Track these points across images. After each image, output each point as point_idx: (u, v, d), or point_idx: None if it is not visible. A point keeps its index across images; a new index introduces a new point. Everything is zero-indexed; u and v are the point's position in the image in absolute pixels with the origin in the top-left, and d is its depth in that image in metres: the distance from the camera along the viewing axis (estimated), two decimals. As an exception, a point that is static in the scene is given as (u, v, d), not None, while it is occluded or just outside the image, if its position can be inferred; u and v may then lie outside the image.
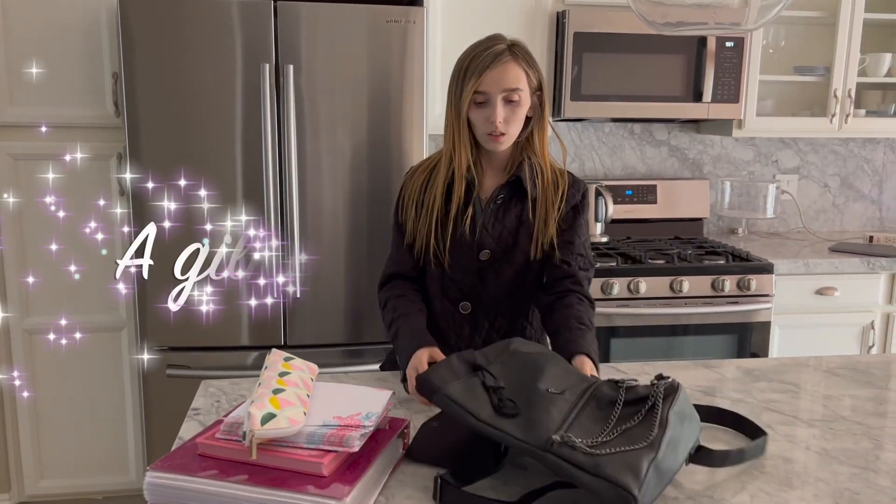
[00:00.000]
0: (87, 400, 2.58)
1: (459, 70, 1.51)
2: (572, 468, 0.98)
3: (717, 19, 1.34)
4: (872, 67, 3.10)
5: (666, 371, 1.57)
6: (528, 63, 1.51)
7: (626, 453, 0.99)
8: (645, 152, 3.26)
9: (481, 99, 1.48)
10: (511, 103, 1.48)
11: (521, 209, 1.56)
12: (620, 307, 2.62)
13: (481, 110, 1.49)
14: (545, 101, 1.55)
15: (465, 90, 1.47)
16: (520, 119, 1.51)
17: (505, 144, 1.52)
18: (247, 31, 2.27)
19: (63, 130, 2.42)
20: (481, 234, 1.55)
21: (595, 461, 0.98)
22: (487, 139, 1.51)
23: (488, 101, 1.48)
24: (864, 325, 2.85)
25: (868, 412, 1.38)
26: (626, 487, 0.94)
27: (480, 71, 1.46)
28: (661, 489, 1.01)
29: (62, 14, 2.34)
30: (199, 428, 1.25)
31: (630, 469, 0.97)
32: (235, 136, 2.32)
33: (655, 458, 0.99)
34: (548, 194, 1.55)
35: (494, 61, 1.47)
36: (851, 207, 3.44)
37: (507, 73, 1.47)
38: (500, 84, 1.47)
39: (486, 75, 1.46)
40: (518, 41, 1.54)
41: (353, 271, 2.43)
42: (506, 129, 1.49)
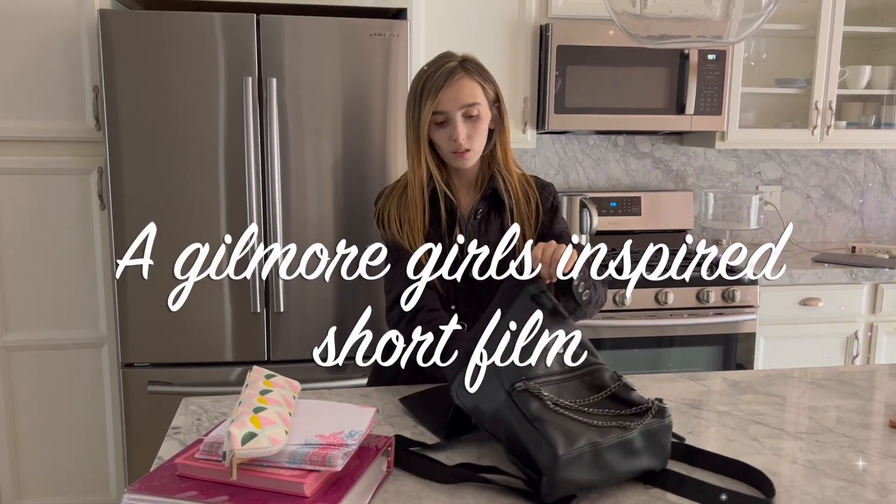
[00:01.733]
0: (66, 417, 2.54)
1: (415, 93, 1.50)
2: (520, 415, 1.05)
3: (699, 32, 1.35)
4: (852, 80, 3.13)
5: (652, 384, 1.57)
6: (482, 76, 1.51)
7: (574, 422, 1.04)
8: (629, 164, 3.27)
9: (441, 119, 1.48)
10: (471, 118, 1.48)
11: (500, 221, 1.57)
12: (606, 319, 2.62)
13: (443, 130, 1.49)
14: (504, 112, 1.56)
15: (423, 112, 1.47)
16: (482, 133, 1.52)
17: (472, 160, 1.52)
18: (229, 44, 2.26)
19: (43, 144, 2.39)
20: (466, 252, 1.55)
21: (542, 415, 1.04)
22: (453, 157, 1.51)
23: (448, 120, 1.48)
24: (848, 336, 2.86)
25: (854, 424, 1.37)
26: (553, 444, 1.00)
27: (436, 90, 1.46)
28: (600, 480, 1.03)
29: (42, 27, 2.32)
30: (179, 447, 1.23)
31: (566, 434, 1.01)
32: (218, 150, 2.30)
33: (599, 444, 1.02)
34: (521, 205, 1.57)
35: (448, 79, 1.46)
36: (834, 218, 3.47)
37: (462, 89, 1.47)
38: (457, 101, 1.47)
39: (442, 94, 1.46)
40: (469, 56, 1.53)
41: (337, 285, 2.41)
42: (470, 144, 1.49)
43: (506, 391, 1.09)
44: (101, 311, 2.49)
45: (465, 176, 1.58)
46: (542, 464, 1.03)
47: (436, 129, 1.50)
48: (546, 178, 3.18)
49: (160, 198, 2.31)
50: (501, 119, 1.55)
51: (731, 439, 1.30)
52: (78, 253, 2.46)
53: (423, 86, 1.48)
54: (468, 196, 1.59)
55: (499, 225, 1.57)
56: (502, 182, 1.55)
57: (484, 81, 1.51)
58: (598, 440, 1.03)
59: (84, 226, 2.45)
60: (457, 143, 1.48)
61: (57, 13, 2.31)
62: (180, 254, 2.33)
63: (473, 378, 1.16)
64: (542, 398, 1.06)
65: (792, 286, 2.80)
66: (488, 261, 1.55)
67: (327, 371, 2.44)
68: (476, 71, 1.50)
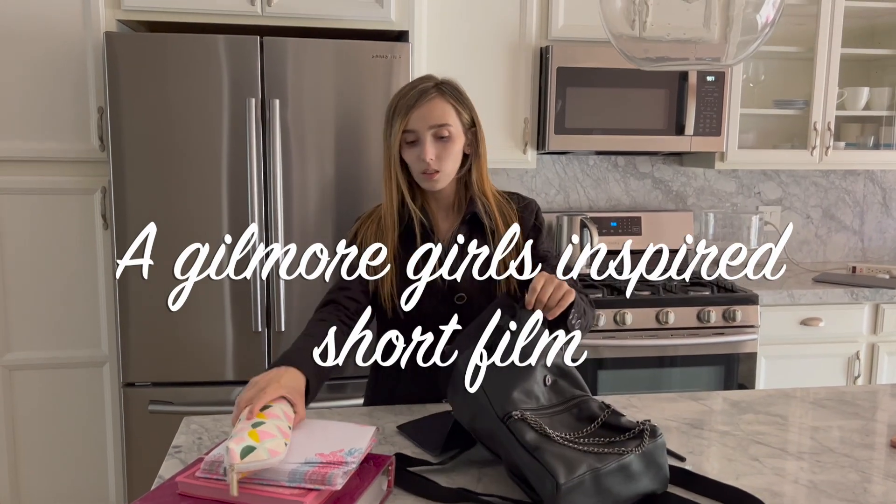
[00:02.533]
0: (67, 436, 2.54)
1: (388, 111, 1.51)
2: (517, 445, 1.06)
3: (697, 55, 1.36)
4: (851, 101, 3.16)
5: (653, 404, 1.57)
6: (456, 99, 1.50)
7: (571, 450, 1.05)
8: (629, 184, 3.28)
9: (411, 138, 1.47)
10: (441, 139, 1.47)
11: (485, 244, 1.55)
12: (607, 339, 2.62)
13: (413, 149, 1.48)
14: (480, 137, 1.54)
15: (395, 130, 1.47)
16: (453, 155, 1.50)
17: (441, 182, 1.50)
18: (233, 66, 2.29)
19: (47, 164, 2.41)
20: (452, 279, 1.53)
21: (539, 444, 1.04)
22: (423, 178, 1.49)
23: (418, 140, 1.47)
24: (850, 356, 2.86)
25: (855, 444, 1.37)
26: (553, 473, 1.00)
27: (407, 109, 1.46)
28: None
29: (48, 49, 2.35)
30: (180, 466, 1.23)
31: (566, 463, 1.02)
32: (221, 171, 2.32)
33: (599, 470, 1.02)
34: (500, 229, 1.55)
35: (420, 98, 1.46)
36: (834, 238, 3.48)
37: (433, 110, 1.46)
38: (427, 120, 1.46)
39: (412, 113, 1.46)
40: (448, 79, 1.53)
41: (338, 305, 2.42)
42: (439, 165, 1.47)
43: (500, 419, 1.10)
44: (103, 330, 2.50)
45: (442, 199, 1.57)
46: (543, 493, 1.03)
47: (406, 149, 1.49)
48: (546, 197, 3.21)
49: (163, 217, 2.32)
50: (478, 143, 1.54)
51: (731, 459, 1.30)
52: (80, 272, 2.47)
53: (396, 104, 1.48)
54: (446, 220, 1.57)
55: (479, 248, 1.54)
56: (481, 206, 1.54)
57: (458, 104, 1.50)
58: (597, 466, 1.03)
59: (87, 245, 2.46)
60: (425, 162, 1.46)
61: (63, 35, 2.34)
62: (184, 262, 2.34)
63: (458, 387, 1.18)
64: (538, 428, 1.07)
65: (792, 306, 2.80)
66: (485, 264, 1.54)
67: (327, 390, 2.44)
68: (451, 93, 1.50)
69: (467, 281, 1.53)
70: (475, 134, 1.54)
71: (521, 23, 2.78)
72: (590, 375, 2.63)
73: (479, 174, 1.55)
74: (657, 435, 1.10)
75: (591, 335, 2.61)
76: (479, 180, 1.55)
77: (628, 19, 1.36)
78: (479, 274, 1.54)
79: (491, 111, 2.80)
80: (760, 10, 1.16)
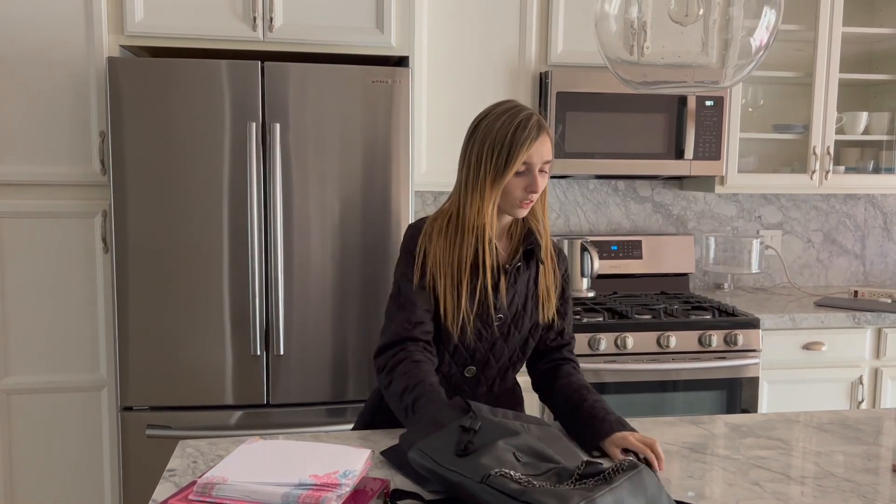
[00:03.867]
0: (65, 461, 2.52)
1: (504, 139, 1.49)
2: (503, 496, 1.03)
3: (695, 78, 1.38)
4: (850, 125, 3.17)
5: (653, 428, 1.56)
6: (551, 136, 1.55)
7: (559, 490, 1.03)
8: (629, 208, 3.29)
9: (524, 169, 1.50)
10: (542, 173, 1.52)
11: (528, 276, 1.60)
12: (608, 363, 2.60)
13: (520, 179, 1.50)
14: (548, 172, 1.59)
15: (515, 160, 1.47)
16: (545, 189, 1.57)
17: (528, 211, 1.56)
18: (234, 90, 2.30)
19: (48, 188, 2.42)
20: (499, 302, 1.57)
21: (525, 489, 1.02)
22: (518, 206, 1.52)
23: (528, 172, 1.50)
24: (853, 381, 2.84)
25: (857, 469, 1.36)
26: None
27: (530, 142, 1.48)
28: None
29: (51, 74, 2.37)
30: (174, 490, 1.21)
31: (558, 497, 1.00)
32: (222, 194, 2.33)
33: (591, 496, 1.01)
34: (549, 263, 1.61)
35: (539, 133, 1.50)
36: (835, 262, 3.47)
37: (546, 145, 1.51)
38: (542, 156, 1.50)
39: (534, 147, 1.48)
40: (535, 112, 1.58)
41: (338, 329, 2.41)
42: (535, 197, 1.53)
43: (477, 482, 1.08)
44: (102, 354, 2.49)
45: (501, 226, 1.61)
46: None
47: (514, 178, 1.50)
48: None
49: (163, 241, 2.32)
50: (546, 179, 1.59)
51: (732, 484, 1.28)
52: (80, 296, 2.47)
53: (513, 134, 1.48)
54: (501, 244, 1.61)
55: (526, 279, 1.60)
56: (539, 237, 1.59)
57: (552, 141, 1.55)
58: (589, 494, 1.02)
59: (87, 269, 2.46)
60: (533, 195, 1.51)
61: (66, 60, 2.37)
62: (181, 295, 2.34)
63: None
64: (520, 481, 1.06)
65: (794, 330, 2.78)
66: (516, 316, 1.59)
67: (327, 414, 2.42)
68: (546, 129, 1.54)
69: (507, 307, 1.58)
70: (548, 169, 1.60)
71: (521, 48, 2.80)
72: (591, 400, 2.61)
73: (543, 207, 1.61)
74: (638, 463, 1.10)
75: (592, 359, 2.59)
76: (542, 213, 1.61)
77: (626, 45, 1.38)
78: (518, 303, 1.59)
79: (491, 135, 2.81)
80: (754, 34, 1.17)
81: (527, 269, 1.60)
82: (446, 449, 1.17)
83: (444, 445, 1.18)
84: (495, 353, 1.59)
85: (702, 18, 1.24)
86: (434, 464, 1.15)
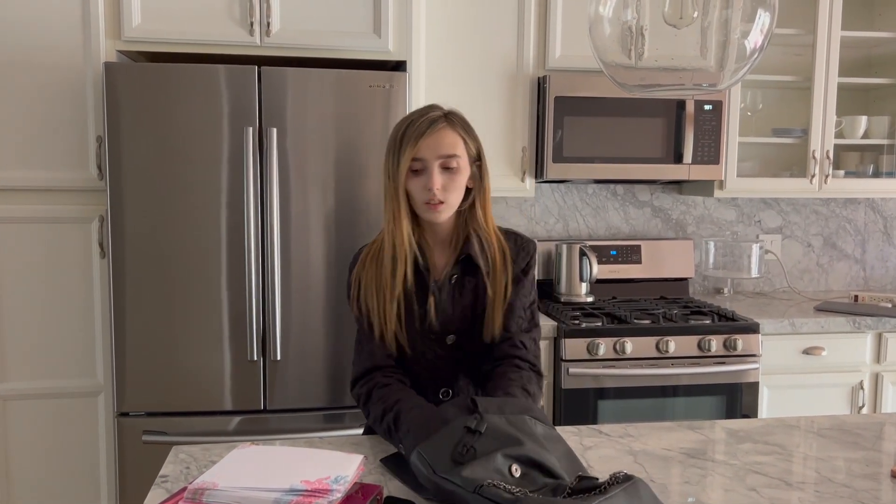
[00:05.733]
0: (61, 467, 2.51)
1: (395, 139, 1.46)
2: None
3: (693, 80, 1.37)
4: (849, 129, 3.16)
5: (650, 433, 1.55)
6: (465, 130, 1.49)
7: (552, 500, 1.02)
8: (628, 213, 3.28)
9: (418, 166, 1.44)
10: (448, 170, 1.45)
11: (474, 284, 1.52)
12: (607, 368, 2.59)
13: (418, 179, 1.45)
14: (485, 170, 1.52)
15: (403, 158, 1.43)
16: (459, 187, 1.47)
17: (444, 214, 1.47)
18: (231, 95, 2.30)
19: (45, 193, 2.42)
20: (443, 317, 1.50)
21: (518, 499, 1.02)
22: (426, 208, 1.46)
23: (425, 169, 1.44)
24: (854, 385, 2.82)
25: (855, 474, 1.34)
26: None
27: (417, 137, 1.43)
28: None
29: (48, 79, 2.37)
30: (166, 496, 1.20)
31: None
32: (220, 199, 2.32)
33: None
34: (497, 268, 1.51)
35: (430, 127, 1.44)
36: (836, 267, 3.46)
37: (443, 139, 1.44)
38: (436, 150, 1.44)
39: (422, 141, 1.43)
40: (455, 110, 1.51)
41: (334, 334, 2.40)
42: (444, 196, 1.44)
43: (471, 492, 1.07)
44: (99, 360, 2.48)
45: (439, 233, 1.53)
46: None
47: (412, 178, 1.45)
48: (546, 226, 3.21)
49: (160, 246, 2.32)
50: (482, 177, 1.52)
51: (728, 489, 1.27)
52: (77, 301, 2.47)
53: (404, 132, 1.45)
54: (443, 255, 1.54)
55: (472, 288, 1.52)
56: (478, 244, 1.50)
57: (467, 136, 1.48)
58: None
59: (83, 274, 2.46)
60: (431, 192, 1.43)
61: (63, 65, 2.37)
62: (178, 300, 2.33)
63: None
64: (513, 492, 1.05)
65: (794, 335, 2.77)
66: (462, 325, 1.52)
67: (324, 420, 2.41)
68: (460, 124, 1.48)
69: (457, 322, 1.51)
70: (480, 167, 1.52)
71: (519, 53, 2.80)
72: (591, 405, 2.60)
73: (483, 209, 1.52)
74: (635, 478, 1.08)
75: (590, 364, 2.58)
76: (481, 216, 1.52)
77: (621, 48, 1.37)
78: (467, 316, 1.51)
79: (489, 140, 2.80)
80: (748, 37, 1.16)
81: (472, 278, 1.51)
82: (445, 453, 1.16)
83: (445, 447, 1.16)
84: (461, 370, 1.53)
85: (696, 21, 1.23)
86: (430, 472, 1.14)
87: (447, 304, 1.51)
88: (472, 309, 1.51)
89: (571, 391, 2.59)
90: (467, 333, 1.52)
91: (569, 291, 2.97)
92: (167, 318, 2.34)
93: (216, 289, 2.34)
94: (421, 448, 1.17)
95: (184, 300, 2.34)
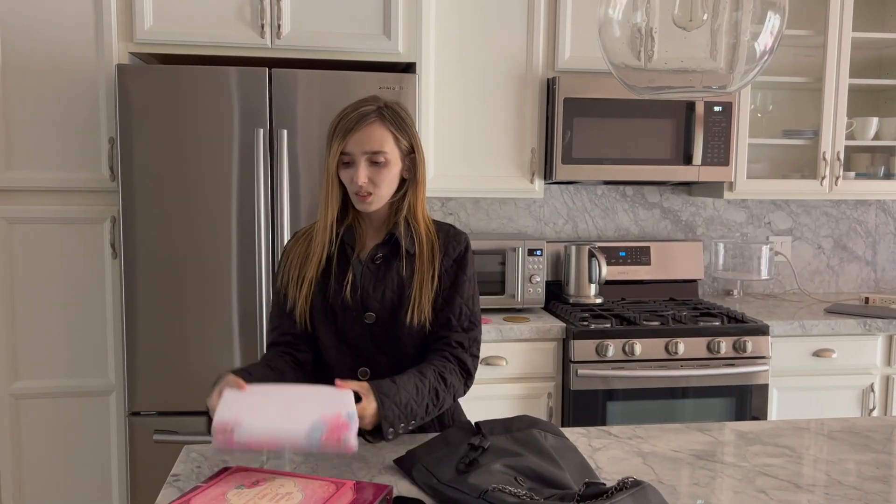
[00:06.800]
0: (73, 465, 2.53)
1: (330, 131, 1.52)
2: None
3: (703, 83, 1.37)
4: (860, 131, 3.15)
5: (659, 434, 1.55)
6: (396, 126, 1.50)
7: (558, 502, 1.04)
8: (638, 214, 3.28)
9: (347, 160, 1.49)
10: (376, 164, 1.48)
11: (399, 268, 1.54)
12: (616, 369, 2.59)
13: (348, 170, 1.50)
14: (419, 163, 1.55)
15: (332, 151, 1.49)
16: (388, 180, 1.51)
17: (374, 205, 1.51)
18: (242, 97, 2.32)
19: (58, 194, 2.44)
20: (363, 296, 1.53)
21: (523, 502, 1.04)
22: (356, 198, 1.51)
23: (353, 162, 1.49)
24: (864, 388, 2.81)
25: (865, 477, 1.34)
26: None
27: (345, 133, 1.48)
28: None
29: (61, 81, 2.39)
30: (178, 494, 1.21)
31: None
32: (231, 200, 2.34)
33: None
34: (423, 255, 1.54)
35: (359, 122, 1.47)
36: (846, 269, 3.44)
37: (370, 135, 1.47)
38: (362, 146, 1.47)
39: (350, 137, 1.47)
40: (391, 104, 1.53)
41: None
42: (372, 189, 1.49)
43: (477, 497, 1.10)
44: (110, 360, 2.50)
45: (374, 220, 1.58)
46: None
47: (343, 169, 1.51)
48: (555, 227, 3.21)
49: (171, 247, 2.33)
50: (416, 169, 1.55)
51: (738, 491, 1.27)
52: (89, 301, 2.49)
53: (336, 125, 1.50)
54: (373, 240, 1.59)
55: (397, 270, 1.54)
56: (405, 229, 1.54)
57: (397, 131, 1.51)
58: None
59: (95, 274, 2.48)
60: (357, 184, 1.48)
61: (76, 68, 2.39)
62: (189, 300, 2.34)
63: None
64: (519, 495, 1.07)
65: (804, 337, 2.76)
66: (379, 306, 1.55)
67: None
68: (391, 119, 1.50)
69: (377, 301, 1.53)
70: (413, 160, 1.55)
71: (528, 54, 2.80)
72: (600, 407, 2.60)
73: (414, 199, 1.56)
74: (643, 483, 1.09)
75: (599, 366, 2.58)
76: (412, 205, 1.56)
77: (631, 50, 1.37)
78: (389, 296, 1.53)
79: (498, 141, 2.82)
80: (759, 39, 1.16)
81: (400, 262, 1.54)
82: (449, 465, 1.20)
83: (449, 461, 1.22)
84: (382, 351, 1.54)
85: (706, 23, 1.23)
86: (435, 481, 1.19)
87: (368, 283, 1.53)
88: (396, 292, 1.53)
89: (580, 392, 2.59)
90: (391, 315, 1.53)
91: (578, 293, 2.97)
92: (178, 318, 2.35)
93: (227, 289, 2.36)
94: (424, 463, 1.23)
95: (195, 300, 2.35)
